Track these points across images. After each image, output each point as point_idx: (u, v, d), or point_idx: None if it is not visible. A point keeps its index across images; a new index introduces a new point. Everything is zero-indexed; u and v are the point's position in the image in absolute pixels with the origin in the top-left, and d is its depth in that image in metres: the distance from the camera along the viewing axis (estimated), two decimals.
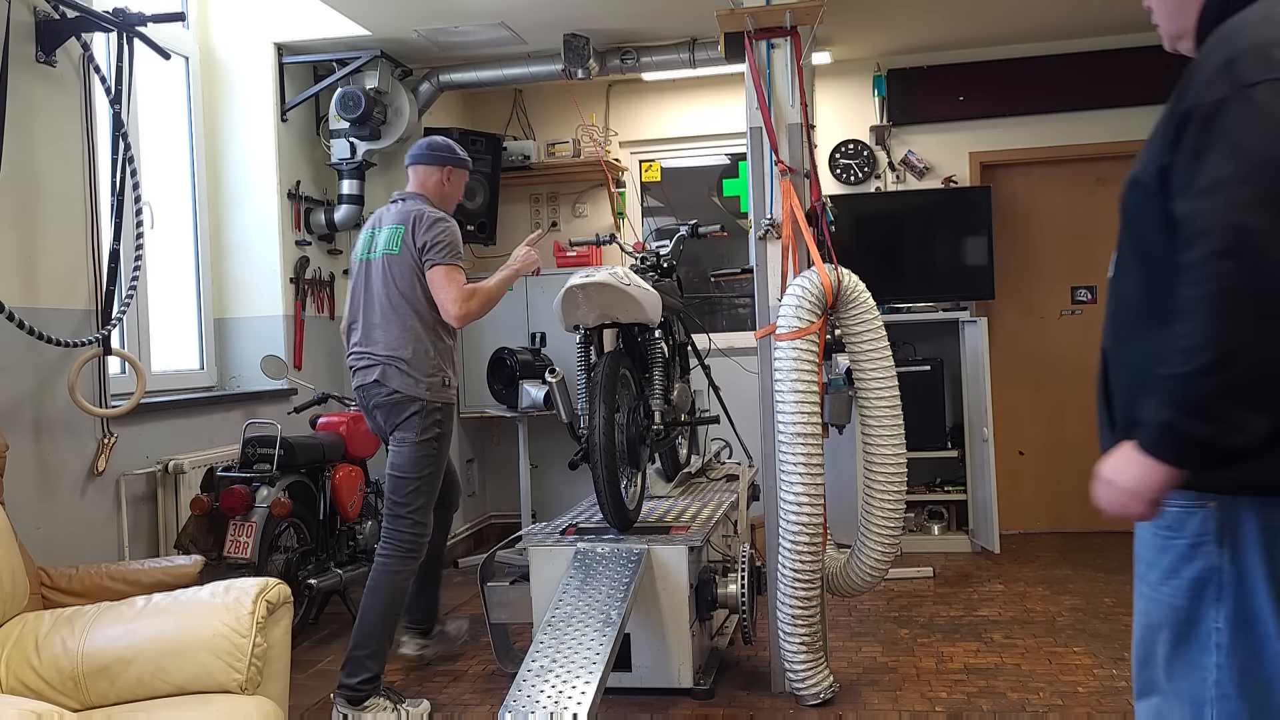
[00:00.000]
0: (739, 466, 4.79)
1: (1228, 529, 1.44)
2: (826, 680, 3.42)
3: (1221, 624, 1.44)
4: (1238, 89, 1.36)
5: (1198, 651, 1.46)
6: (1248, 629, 1.42)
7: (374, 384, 3.52)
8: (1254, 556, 1.42)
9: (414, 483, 3.46)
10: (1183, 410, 1.37)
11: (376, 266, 3.54)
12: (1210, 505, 1.45)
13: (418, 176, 3.65)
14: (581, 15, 4.92)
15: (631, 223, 6.26)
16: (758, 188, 3.57)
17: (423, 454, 3.46)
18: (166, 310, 4.64)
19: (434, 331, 3.49)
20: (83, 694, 2.51)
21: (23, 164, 3.49)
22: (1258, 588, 1.41)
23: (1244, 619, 1.43)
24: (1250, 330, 1.31)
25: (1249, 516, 1.42)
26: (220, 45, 5.03)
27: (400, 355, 3.46)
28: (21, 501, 3.31)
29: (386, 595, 3.41)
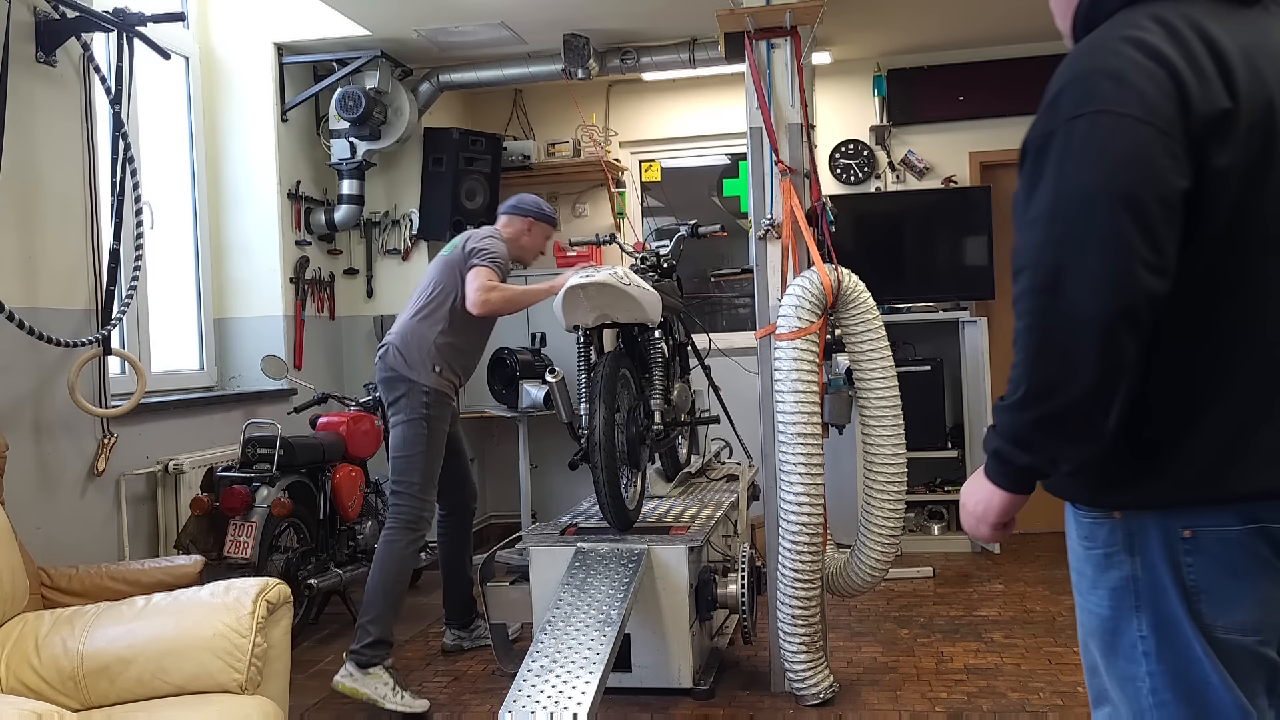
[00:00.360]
0: (739, 466, 4.79)
1: (1135, 538, 1.45)
2: (826, 680, 3.42)
3: (1146, 631, 1.45)
4: (1062, 122, 1.35)
5: (1127, 662, 1.48)
6: (1170, 634, 1.43)
7: (379, 361, 3.81)
8: (1161, 565, 1.43)
9: (405, 460, 3.69)
10: (1008, 439, 1.41)
11: (432, 265, 3.90)
12: (1116, 516, 1.46)
13: (504, 222, 3.97)
14: (581, 15, 4.92)
15: (631, 223, 6.26)
16: (758, 188, 3.56)
17: (412, 433, 3.69)
18: (166, 310, 4.64)
19: (440, 328, 3.73)
20: (83, 694, 2.51)
21: (23, 164, 3.49)
22: (1170, 594, 1.43)
23: (1164, 625, 1.43)
24: (1059, 366, 1.33)
25: (1150, 527, 1.44)
26: (220, 45, 5.04)
27: (402, 339, 3.75)
28: (21, 501, 3.31)
29: (386, 564, 3.63)
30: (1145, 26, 1.34)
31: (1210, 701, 1.42)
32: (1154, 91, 1.30)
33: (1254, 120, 1.33)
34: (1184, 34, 1.33)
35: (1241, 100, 1.32)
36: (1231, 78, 1.32)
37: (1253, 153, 1.33)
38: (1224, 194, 1.33)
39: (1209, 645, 1.41)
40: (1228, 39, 1.34)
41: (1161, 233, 1.29)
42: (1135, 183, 1.29)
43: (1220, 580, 1.40)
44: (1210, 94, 1.31)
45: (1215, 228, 1.35)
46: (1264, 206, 1.36)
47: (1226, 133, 1.31)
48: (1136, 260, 1.28)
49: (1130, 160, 1.29)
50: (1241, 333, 1.38)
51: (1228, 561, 1.40)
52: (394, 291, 5.71)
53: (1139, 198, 1.28)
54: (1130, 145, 1.29)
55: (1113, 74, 1.32)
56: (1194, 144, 1.30)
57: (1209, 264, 1.36)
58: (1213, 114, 1.30)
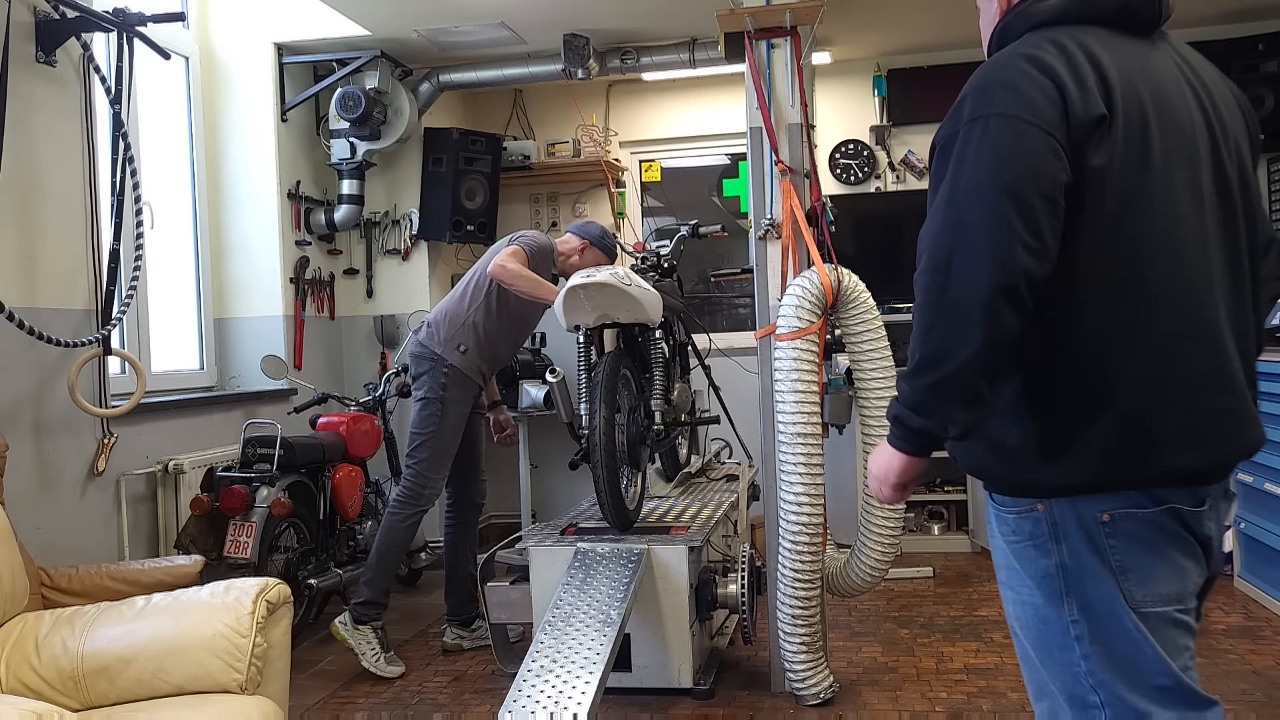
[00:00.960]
0: (739, 466, 4.79)
1: (1059, 527, 1.56)
2: (826, 680, 3.42)
3: (1076, 616, 1.56)
4: (963, 124, 1.52)
5: (1061, 650, 1.57)
6: (1101, 615, 1.54)
7: (412, 336, 4.05)
8: (1086, 550, 1.55)
9: (417, 438, 3.89)
10: (906, 405, 1.56)
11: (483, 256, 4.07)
12: (1039, 508, 1.58)
13: (564, 239, 4.13)
14: (581, 15, 4.92)
15: (631, 223, 6.26)
16: (758, 188, 3.56)
17: (428, 412, 3.88)
18: (166, 310, 4.64)
19: (475, 307, 3.91)
20: (83, 694, 2.51)
21: (23, 164, 3.49)
22: (1098, 574, 1.54)
23: (1094, 607, 1.54)
24: (948, 337, 1.48)
25: (1070, 515, 1.55)
26: (220, 45, 5.03)
27: (438, 316, 3.97)
28: (21, 501, 3.31)
29: (384, 534, 3.91)
30: (1041, 46, 1.53)
31: (1144, 673, 1.52)
32: (1041, 99, 1.47)
33: (1129, 130, 1.50)
34: (1073, 53, 1.51)
35: (1117, 110, 1.49)
36: (1110, 91, 1.50)
37: (1128, 158, 1.50)
38: (1103, 191, 1.49)
39: (1140, 620, 1.52)
40: (1111, 60, 1.52)
41: (1041, 220, 1.45)
42: (1019, 176, 1.45)
43: (1143, 558, 1.53)
44: (1089, 103, 1.48)
45: (1103, 225, 1.50)
46: (1144, 208, 1.51)
47: (1102, 136, 1.48)
48: (1017, 243, 1.44)
49: (1016, 156, 1.46)
50: (1139, 326, 1.51)
51: (1146, 539, 1.53)
52: (394, 291, 5.72)
53: (1022, 189, 1.45)
54: (1017, 144, 1.47)
55: (1008, 84, 1.50)
56: (1074, 145, 1.48)
57: (1103, 261, 1.51)
58: (1090, 119, 1.47)
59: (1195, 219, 1.54)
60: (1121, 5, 1.57)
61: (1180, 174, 1.53)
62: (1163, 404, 1.51)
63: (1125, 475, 1.52)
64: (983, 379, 1.49)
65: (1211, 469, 1.55)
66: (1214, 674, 3.55)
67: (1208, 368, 1.53)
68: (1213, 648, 3.81)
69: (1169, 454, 1.51)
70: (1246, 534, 4.40)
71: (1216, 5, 5.19)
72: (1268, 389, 4.15)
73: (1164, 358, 1.51)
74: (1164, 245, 1.52)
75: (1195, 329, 1.53)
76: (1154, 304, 1.51)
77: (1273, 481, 4.11)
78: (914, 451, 1.60)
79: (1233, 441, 1.56)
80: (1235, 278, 1.58)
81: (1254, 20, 5.36)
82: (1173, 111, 1.54)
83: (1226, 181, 1.59)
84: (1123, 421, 1.51)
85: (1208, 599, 1.65)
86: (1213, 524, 1.59)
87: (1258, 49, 5.31)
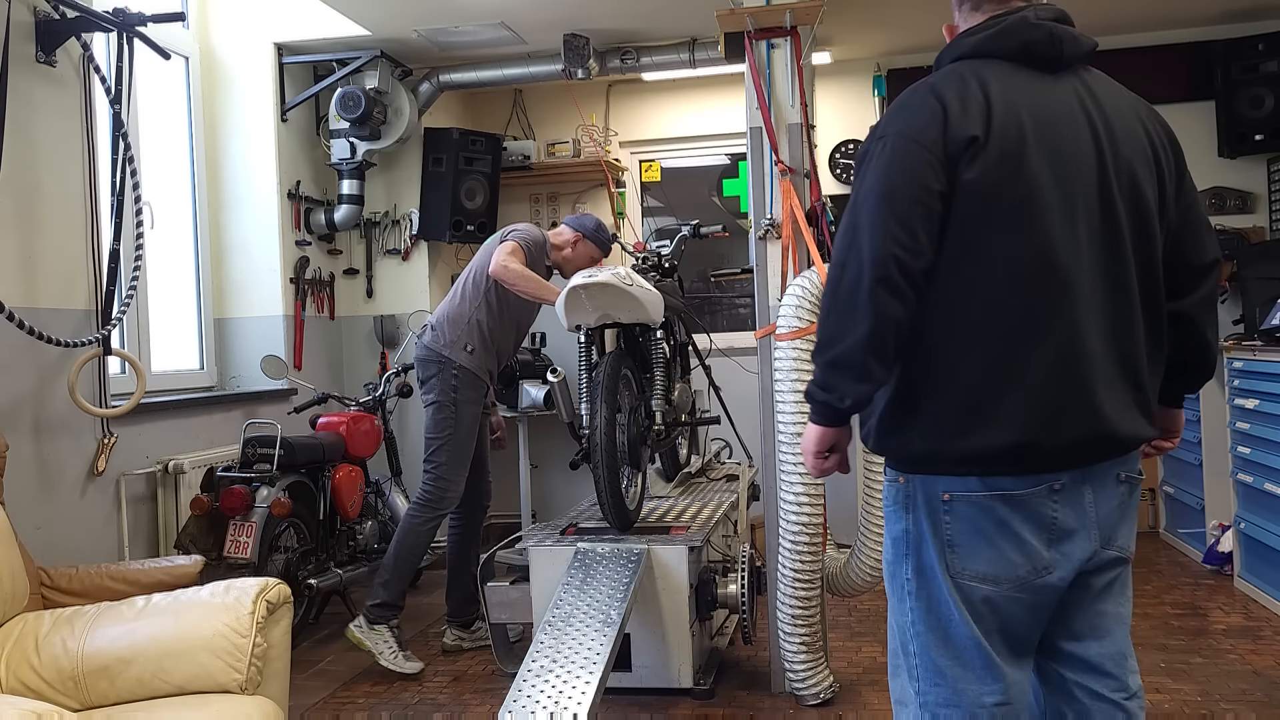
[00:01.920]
0: (739, 466, 4.79)
1: (911, 499, 1.82)
2: (826, 680, 3.42)
3: (910, 575, 1.83)
4: (873, 142, 1.79)
5: (898, 600, 1.87)
6: (927, 578, 1.81)
7: (417, 340, 4.03)
8: (925, 522, 1.80)
9: (434, 442, 3.89)
10: (814, 382, 1.81)
11: (478, 253, 4.07)
12: (901, 480, 1.84)
13: (557, 230, 4.11)
14: (581, 15, 4.92)
15: (632, 223, 6.26)
16: (758, 188, 3.56)
17: (441, 416, 3.88)
18: (166, 310, 4.64)
19: (477, 305, 3.90)
20: (83, 694, 2.51)
21: (23, 164, 3.49)
22: (929, 546, 1.80)
23: (924, 571, 1.81)
24: (841, 321, 1.72)
25: (919, 489, 1.81)
26: (220, 45, 5.03)
27: (440, 318, 3.96)
28: (21, 501, 3.31)
29: (401, 537, 3.91)
30: (945, 76, 1.79)
31: (951, 634, 1.80)
32: (927, 120, 1.72)
33: (1004, 150, 1.70)
34: (969, 83, 1.75)
35: (993, 132, 1.70)
36: (990, 116, 1.71)
37: (1000, 174, 1.70)
38: (972, 201, 1.70)
39: (955, 589, 1.78)
40: (1000, 90, 1.74)
41: (914, 221, 1.69)
42: (895, 184, 1.71)
43: (968, 537, 1.77)
44: (966, 124, 1.70)
45: (969, 231, 1.71)
46: (1009, 219, 1.71)
47: (976, 153, 1.70)
48: (891, 240, 1.69)
49: (896, 169, 1.72)
50: (985, 322, 1.72)
51: (975, 522, 1.76)
52: (394, 291, 5.72)
53: (896, 195, 1.70)
54: (899, 158, 1.72)
55: (906, 107, 1.78)
56: (950, 160, 1.70)
57: (964, 262, 1.72)
58: (964, 139, 1.70)
59: (1064, 234, 1.72)
60: (1023, 45, 1.79)
61: (1053, 192, 1.72)
62: (996, 393, 1.71)
63: (955, 450, 1.74)
64: (871, 356, 1.72)
65: (1045, 457, 1.73)
66: (1214, 674, 3.55)
67: (1048, 365, 1.70)
68: (1213, 648, 3.81)
69: (996, 437, 1.71)
70: (1246, 534, 4.40)
71: (1216, 5, 5.19)
72: (1267, 389, 4.15)
73: (1004, 353, 1.71)
74: (1023, 253, 1.71)
75: (1042, 330, 1.70)
76: (1002, 303, 1.71)
77: (1273, 481, 4.11)
78: (823, 422, 1.84)
79: (1063, 432, 1.71)
80: (1116, 290, 1.75)
81: (1254, 20, 5.36)
82: (1056, 137, 1.74)
83: (1112, 205, 1.76)
84: (958, 404, 1.73)
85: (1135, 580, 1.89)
86: (1069, 510, 1.76)
87: (1258, 49, 5.31)
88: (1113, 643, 1.85)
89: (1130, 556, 1.88)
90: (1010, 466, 1.73)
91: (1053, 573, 1.76)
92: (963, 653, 1.79)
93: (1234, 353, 4.46)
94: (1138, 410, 1.78)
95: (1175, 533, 5.39)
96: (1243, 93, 5.34)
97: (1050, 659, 1.88)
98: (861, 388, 1.75)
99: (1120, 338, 1.76)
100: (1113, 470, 1.80)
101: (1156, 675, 3.55)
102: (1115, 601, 1.86)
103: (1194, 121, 5.49)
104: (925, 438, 1.77)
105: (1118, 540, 1.84)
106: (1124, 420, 1.76)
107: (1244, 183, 5.52)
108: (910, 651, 1.85)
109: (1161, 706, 3.29)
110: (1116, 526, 1.82)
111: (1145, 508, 5.68)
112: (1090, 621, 1.85)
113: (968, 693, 1.79)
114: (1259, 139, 5.33)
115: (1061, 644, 1.86)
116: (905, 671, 1.86)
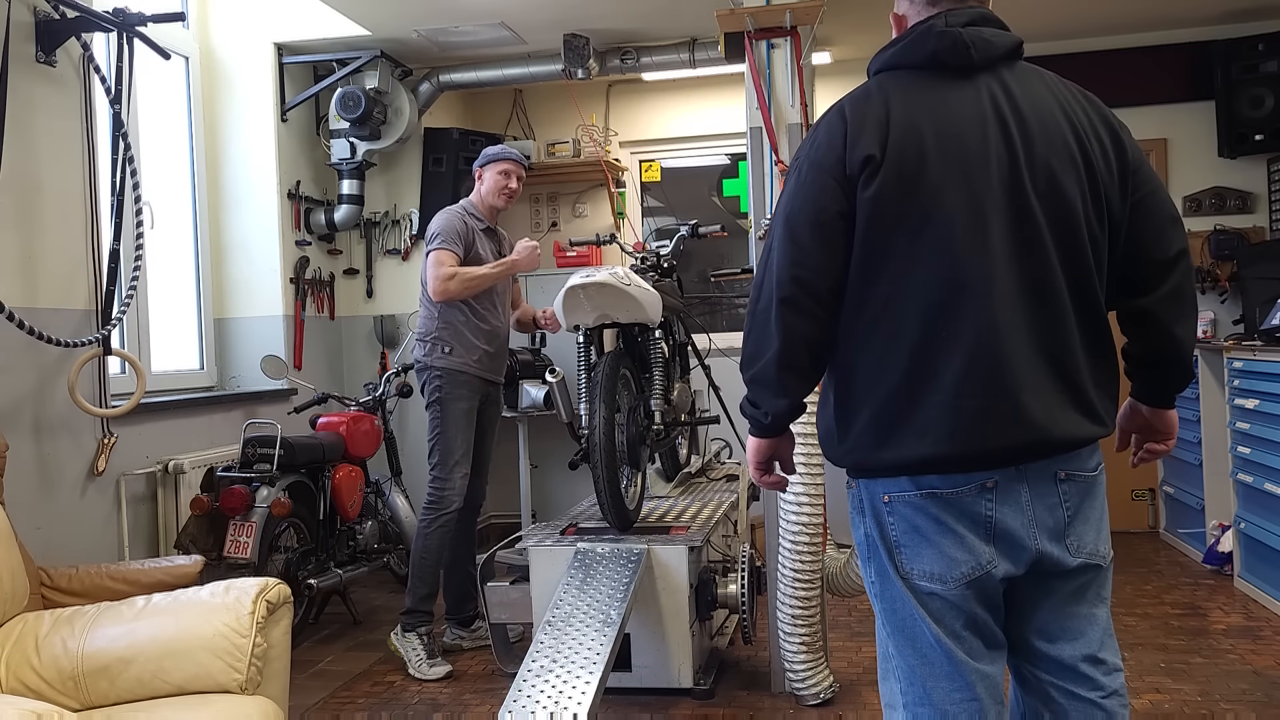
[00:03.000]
0: (739, 466, 4.79)
1: (864, 504, 1.86)
2: (826, 680, 3.42)
3: (874, 578, 1.87)
4: (791, 165, 1.86)
5: (873, 601, 1.90)
6: (887, 580, 1.84)
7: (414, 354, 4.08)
8: (873, 525, 1.84)
9: (429, 445, 3.95)
10: (746, 397, 1.91)
11: None
12: (852, 486, 1.89)
13: (471, 186, 4.18)
14: (581, 15, 4.92)
15: (631, 223, 6.26)
16: (758, 188, 3.57)
17: (430, 417, 3.95)
18: (166, 310, 4.64)
19: (438, 312, 3.92)
20: (83, 694, 2.51)
21: (23, 164, 3.49)
22: (879, 547, 1.84)
23: (884, 573, 1.84)
24: (757, 340, 1.82)
25: (864, 494, 1.86)
26: (220, 45, 5.04)
27: (420, 332, 4.01)
28: (21, 501, 3.31)
29: (415, 542, 3.97)
30: (855, 95, 1.83)
31: (914, 633, 1.82)
32: (827, 145, 1.78)
33: (903, 166, 1.72)
34: (872, 102, 1.78)
35: (890, 150, 1.73)
36: (886, 134, 1.74)
37: (899, 189, 1.72)
38: (872, 217, 1.73)
39: (909, 589, 1.80)
40: (902, 104, 1.77)
41: (811, 245, 1.76)
42: (796, 208, 1.78)
43: (910, 537, 1.80)
44: (862, 144, 1.74)
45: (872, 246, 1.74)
46: (911, 232, 1.73)
47: (873, 172, 1.73)
48: (791, 262, 1.76)
49: (800, 193, 1.79)
50: (897, 333, 1.75)
51: (913, 521, 1.79)
52: (394, 291, 5.72)
53: (796, 219, 1.78)
54: (804, 183, 1.79)
55: (816, 132, 1.84)
56: (849, 180, 1.75)
57: (871, 277, 1.75)
58: (859, 159, 1.73)
59: (972, 244, 1.72)
60: (929, 54, 1.80)
61: (957, 203, 1.73)
62: (913, 404, 1.74)
63: (881, 461, 1.78)
64: (786, 372, 1.80)
65: (970, 460, 1.74)
66: (1214, 674, 3.55)
67: (960, 371, 1.71)
68: (1213, 648, 3.81)
69: (916, 448, 1.74)
70: (1246, 534, 4.40)
71: (1216, 5, 5.19)
72: (1267, 389, 4.15)
73: (916, 360, 1.74)
74: (928, 265, 1.72)
75: (952, 339, 1.72)
76: (911, 314, 1.73)
77: (1273, 481, 4.11)
78: (756, 434, 1.94)
79: (986, 438, 1.72)
80: (1039, 293, 1.74)
81: (1254, 20, 5.36)
82: (959, 147, 1.74)
83: (1027, 208, 1.74)
84: (878, 416, 1.77)
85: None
86: (1005, 507, 1.76)
87: (1258, 49, 5.31)
88: (1086, 643, 1.84)
89: (1103, 563, 1.85)
90: (936, 468, 1.75)
91: (998, 567, 1.76)
92: (927, 651, 1.81)
93: (1234, 353, 4.46)
94: (1076, 411, 1.75)
95: (1175, 533, 5.39)
96: (1243, 93, 5.34)
97: (1025, 660, 1.88)
98: (779, 402, 1.84)
99: (1048, 341, 1.73)
100: (1051, 469, 1.78)
101: (1156, 675, 3.55)
102: (1089, 604, 1.85)
103: (1194, 121, 5.49)
104: (855, 450, 1.82)
105: (1084, 545, 1.81)
106: (1057, 422, 1.74)
107: (1244, 183, 5.52)
108: (889, 654, 1.88)
109: (1161, 706, 3.29)
110: (1069, 526, 1.79)
111: (1145, 508, 5.68)
112: (1062, 623, 1.84)
113: (937, 691, 1.81)
114: (1259, 139, 5.33)
115: (1035, 644, 1.86)
116: (891, 674, 1.88)
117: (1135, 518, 5.66)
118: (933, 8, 1.84)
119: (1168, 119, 5.55)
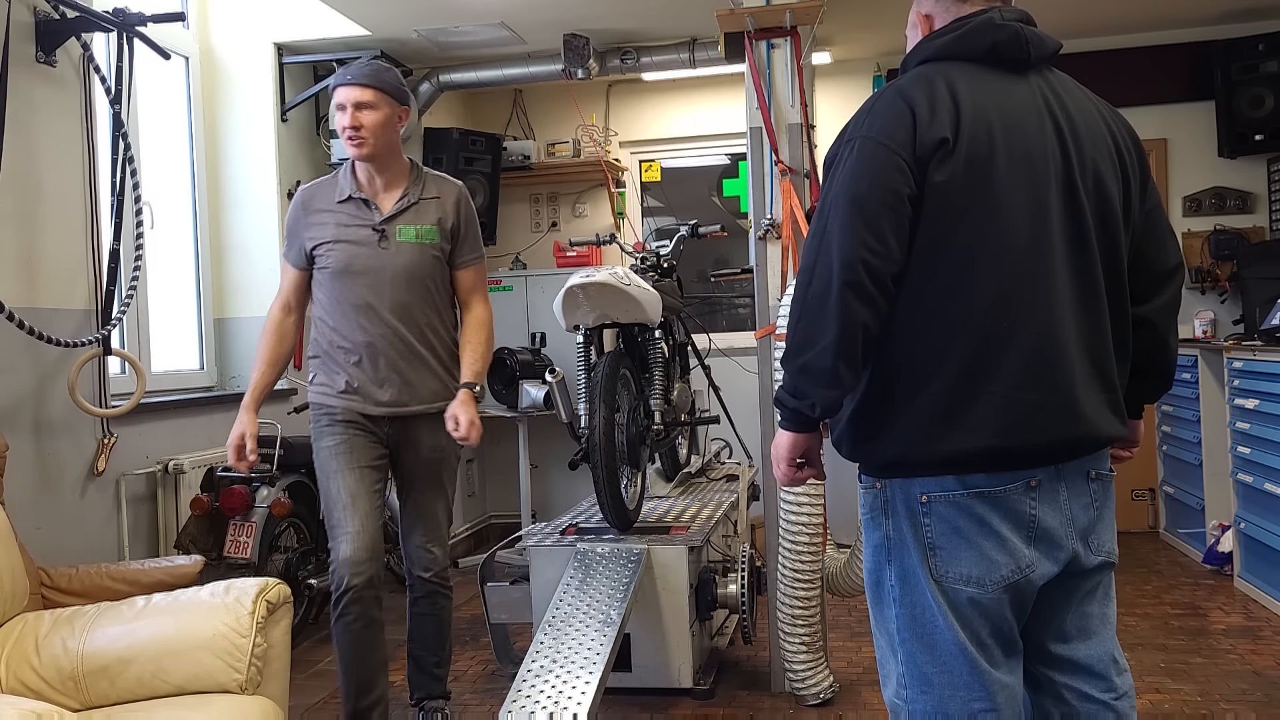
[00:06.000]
0: (739, 466, 4.79)
1: (889, 504, 1.80)
2: (826, 680, 3.42)
3: (894, 581, 1.80)
4: (841, 146, 1.77)
5: (884, 606, 1.83)
6: (910, 584, 1.78)
7: None
8: (905, 526, 1.78)
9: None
10: (785, 388, 1.79)
11: None
12: (878, 486, 1.82)
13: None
14: (581, 15, 4.92)
15: (631, 223, 6.26)
16: (758, 188, 3.57)
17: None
18: (166, 310, 4.63)
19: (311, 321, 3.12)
20: (83, 694, 2.51)
21: (23, 164, 3.49)
22: (910, 551, 1.77)
23: (907, 576, 1.78)
24: (810, 327, 1.71)
25: (898, 495, 1.78)
26: (220, 45, 5.03)
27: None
28: (21, 501, 3.31)
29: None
30: (913, 80, 1.78)
31: (936, 640, 1.76)
32: (896, 124, 1.71)
33: (973, 152, 1.69)
34: (936, 86, 1.74)
35: (962, 135, 1.69)
36: (959, 119, 1.70)
37: (969, 176, 1.69)
38: (942, 203, 1.69)
39: (940, 593, 1.75)
40: (968, 92, 1.73)
41: (883, 225, 1.67)
42: (864, 188, 1.69)
43: (949, 539, 1.74)
44: (935, 127, 1.69)
45: (939, 233, 1.69)
46: (980, 220, 1.70)
47: (945, 156, 1.69)
48: (860, 244, 1.67)
49: (865, 173, 1.70)
50: (959, 324, 1.70)
51: (954, 523, 1.74)
52: None
53: (865, 199, 1.68)
54: (868, 162, 1.70)
55: (874, 112, 1.75)
56: (920, 163, 1.69)
57: (936, 264, 1.71)
58: (933, 141, 1.69)
59: (1035, 235, 1.71)
60: (989, 46, 1.77)
61: (1022, 194, 1.71)
62: (970, 397, 1.70)
63: (929, 455, 1.72)
64: (840, 362, 1.69)
65: (1021, 457, 1.71)
66: (1214, 674, 3.55)
67: (1021, 364, 1.69)
68: (1213, 648, 3.81)
69: (970, 441, 1.70)
70: (1246, 534, 4.40)
71: (1216, 5, 5.19)
72: (1267, 389, 4.15)
73: (977, 353, 1.70)
74: (994, 255, 1.70)
75: (1015, 331, 1.70)
76: (975, 305, 1.70)
77: (1273, 481, 4.11)
78: (794, 429, 1.83)
79: (1042, 432, 1.71)
80: (1085, 290, 1.75)
81: (1254, 20, 5.36)
82: (1023, 139, 1.73)
83: (1079, 205, 1.75)
84: (930, 409, 1.72)
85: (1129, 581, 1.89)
86: (1046, 507, 1.74)
87: (1258, 49, 5.31)
88: (1099, 643, 1.85)
89: (1116, 561, 1.88)
90: (986, 466, 1.72)
91: (1035, 570, 1.75)
92: (948, 659, 1.76)
93: (1234, 353, 4.46)
94: (1109, 410, 1.78)
95: (1175, 533, 5.39)
96: (1243, 93, 5.34)
97: (1038, 662, 1.86)
98: (830, 393, 1.74)
99: (1091, 338, 1.75)
100: (1084, 467, 1.79)
101: (1156, 675, 3.55)
102: (1100, 603, 1.86)
103: (1194, 121, 5.49)
104: (898, 444, 1.75)
105: (1104, 544, 1.83)
106: (1101, 419, 1.76)
107: (1244, 183, 5.52)
108: (897, 660, 1.82)
109: (1161, 706, 3.29)
110: (1094, 525, 1.81)
111: (1145, 508, 5.68)
112: (1078, 623, 1.84)
113: (954, 700, 1.76)
114: (1259, 139, 5.33)
115: (1050, 646, 1.85)
116: (895, 680, 1.84)
117: (1135, 518, 5.66)
118: (965, 6, 1.82)
119: (1168, 119, 5.56)
